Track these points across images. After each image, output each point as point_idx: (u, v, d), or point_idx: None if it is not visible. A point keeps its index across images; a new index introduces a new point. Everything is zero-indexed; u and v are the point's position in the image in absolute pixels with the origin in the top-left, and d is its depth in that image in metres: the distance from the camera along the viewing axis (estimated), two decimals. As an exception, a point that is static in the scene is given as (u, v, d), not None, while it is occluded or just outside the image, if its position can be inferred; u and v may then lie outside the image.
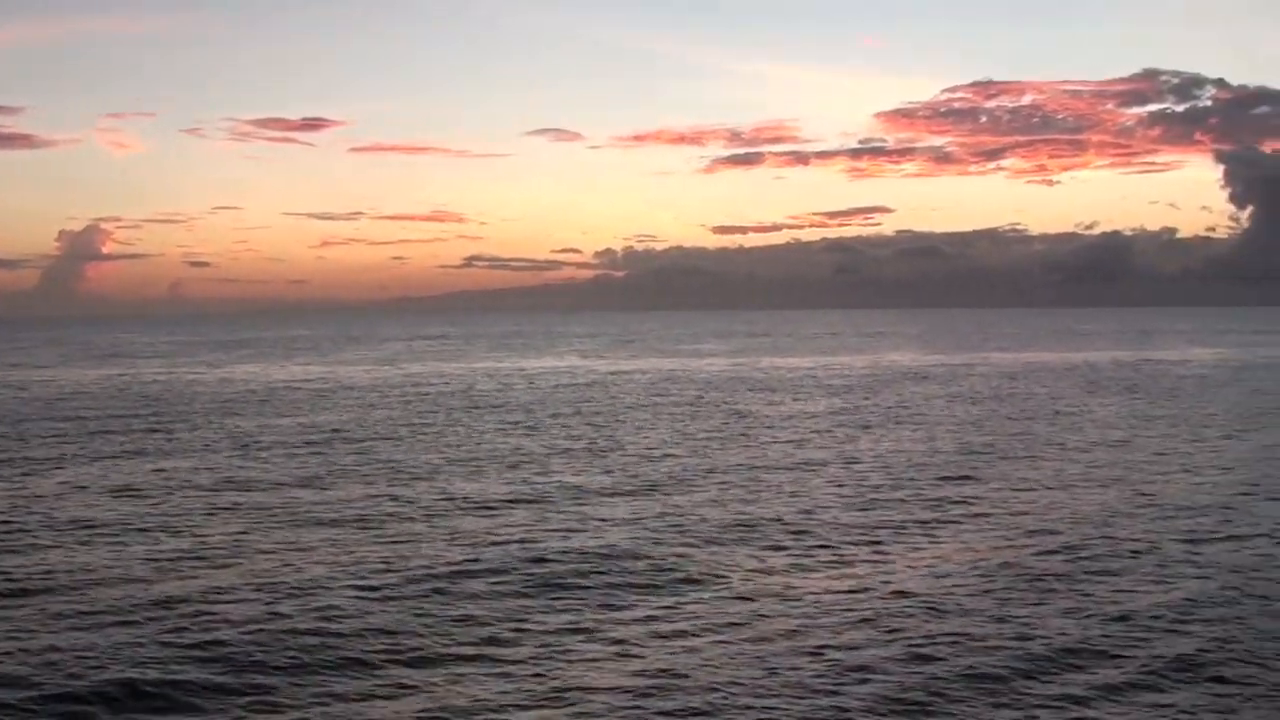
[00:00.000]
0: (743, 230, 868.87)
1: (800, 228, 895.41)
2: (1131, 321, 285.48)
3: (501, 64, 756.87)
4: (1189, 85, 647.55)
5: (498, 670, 16.23)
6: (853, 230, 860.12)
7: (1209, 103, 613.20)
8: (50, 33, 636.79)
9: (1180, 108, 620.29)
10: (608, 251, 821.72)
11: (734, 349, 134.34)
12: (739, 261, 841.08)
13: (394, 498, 30.11)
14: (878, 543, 24.48)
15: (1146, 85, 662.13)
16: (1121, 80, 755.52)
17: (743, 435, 44.63)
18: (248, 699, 15.16)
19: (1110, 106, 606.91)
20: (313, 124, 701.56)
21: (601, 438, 43.60)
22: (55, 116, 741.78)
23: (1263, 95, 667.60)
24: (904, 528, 26.12)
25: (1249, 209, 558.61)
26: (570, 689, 15.44)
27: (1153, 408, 56.15)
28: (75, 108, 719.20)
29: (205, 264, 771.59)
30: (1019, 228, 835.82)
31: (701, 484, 32.52)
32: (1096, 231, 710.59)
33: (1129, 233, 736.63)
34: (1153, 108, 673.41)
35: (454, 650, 17.06)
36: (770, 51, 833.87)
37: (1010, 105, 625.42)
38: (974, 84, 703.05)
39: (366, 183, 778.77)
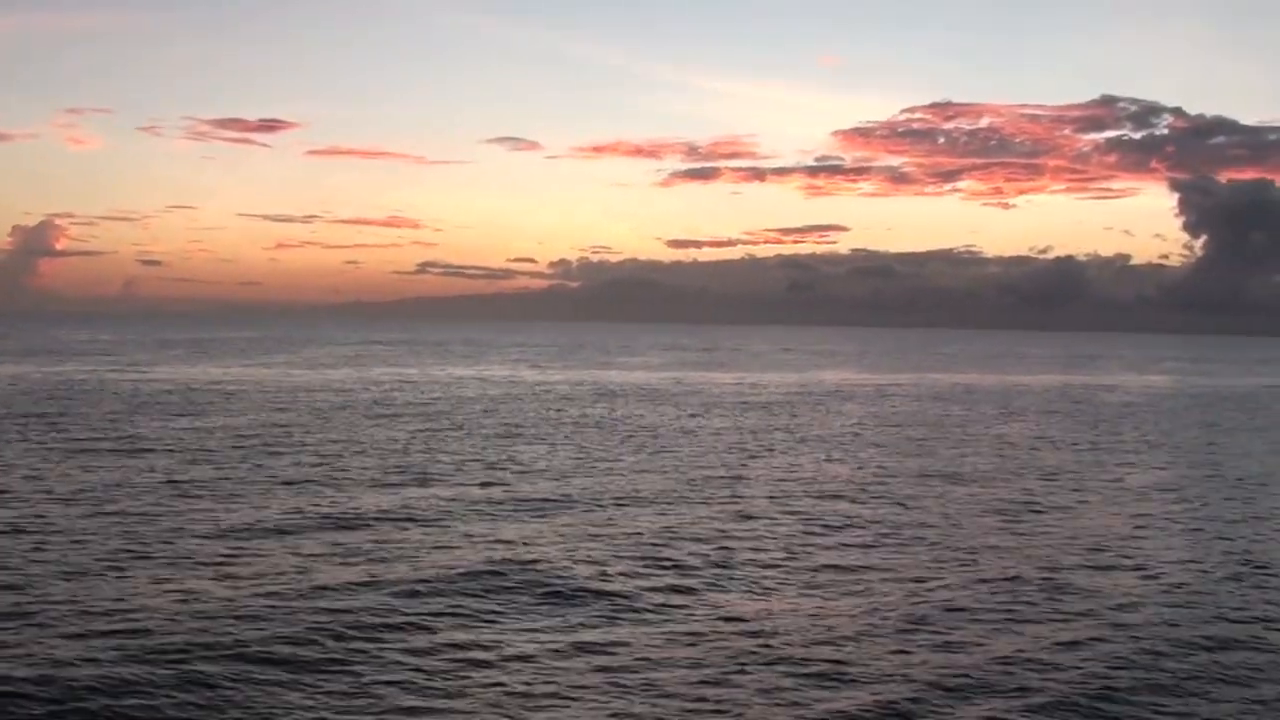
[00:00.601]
0: (698, 244, 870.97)
1: (755, 244, 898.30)
2: (1078, 346, 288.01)
3: (462, 72, 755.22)
4: (1146, 113, 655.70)
5: (364, 685, 15.68)
6: (808, 248, 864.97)
7: (1166, 131, 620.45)
8: (7, 25, 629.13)
9: (1137, 135, 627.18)
10: (563, 262, 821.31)
11: (668, 363, 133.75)
12: (693, 275, 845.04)
13: (255, 507, 29.02)
14: (738, 568, 23.77)
15: (1104, 112, 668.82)
16: (1079, 106, 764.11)
17: (637, 450, 43.90)
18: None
19: (1067, 131, 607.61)
20: (270, 125, 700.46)
21: (493, 450, 42.73)
22: (11, 110, 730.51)
23: (1219, 125, 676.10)
24: (765, 547, 25.42)
25: (1202, 238, 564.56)
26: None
27: (1065, 433, 55.96)
28: (32, 102, 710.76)
29: (158, 263, 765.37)
30: (974, 249, 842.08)
31: (578, 499, 31.72)
32: (1050, 255, 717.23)
33: (1083, 258, 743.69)
34: (1110, 134, 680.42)
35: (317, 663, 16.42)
36: (730, 67, 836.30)
37: (968, 127, 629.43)
38: (932, 105, 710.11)
39: (323, 186, 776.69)
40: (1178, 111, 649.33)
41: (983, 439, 52.13)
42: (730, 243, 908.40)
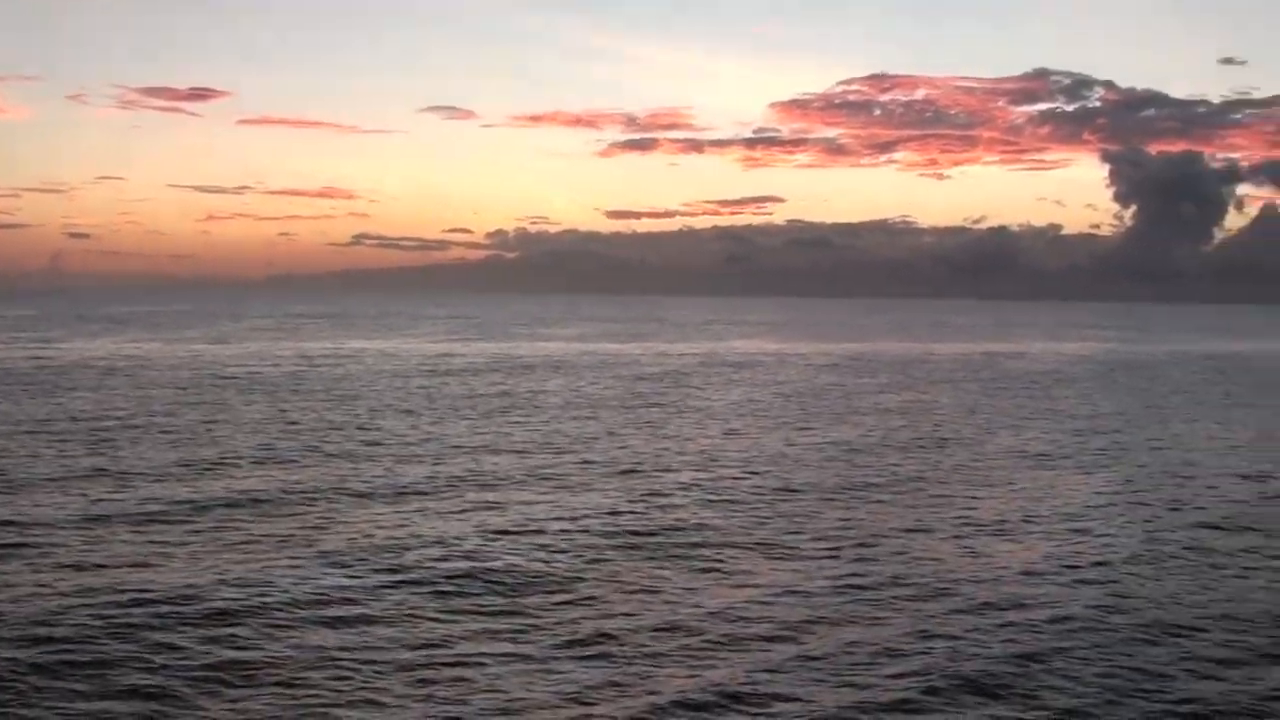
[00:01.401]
0: (636, 215, 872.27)
1: (693, 215, 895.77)
2: (1007, 315, 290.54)
3: (395, 39, 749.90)
4: (1079, 86, 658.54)
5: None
6: (745, 219, 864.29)
7: (1098, 104, 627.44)
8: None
9: (1070, 108, 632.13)
10: (499, 232, 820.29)
11: (589, 335, 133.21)
12: (632, 246, 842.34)
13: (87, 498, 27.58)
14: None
15: (1038, 84, 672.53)
16: (1014, 79, 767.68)
17: (501, 420, 43.48)
18: None
19: (1002, 104, 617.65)
20: (201, 94, 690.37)
21: (367, 423, 42.17)
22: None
23: (1150, 98, 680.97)
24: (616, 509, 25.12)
25: (1133, 208, 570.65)
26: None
27: (954, 400, 56.14)
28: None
29: (86, 236, 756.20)
30: (909, 220, 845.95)
31: (441, 481, 31.28)
32: (984, 226, 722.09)
33: (1016, 228, 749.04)
34: (1043, 106, 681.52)
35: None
36: (668, 38, 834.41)
37: (903, 99, 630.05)
38: (869, 77, 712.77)
39: (254, 156, 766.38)
40: (1110, 85, 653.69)
41: (863, 408, 52.21)
42: (668, 214, 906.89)
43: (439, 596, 19.30)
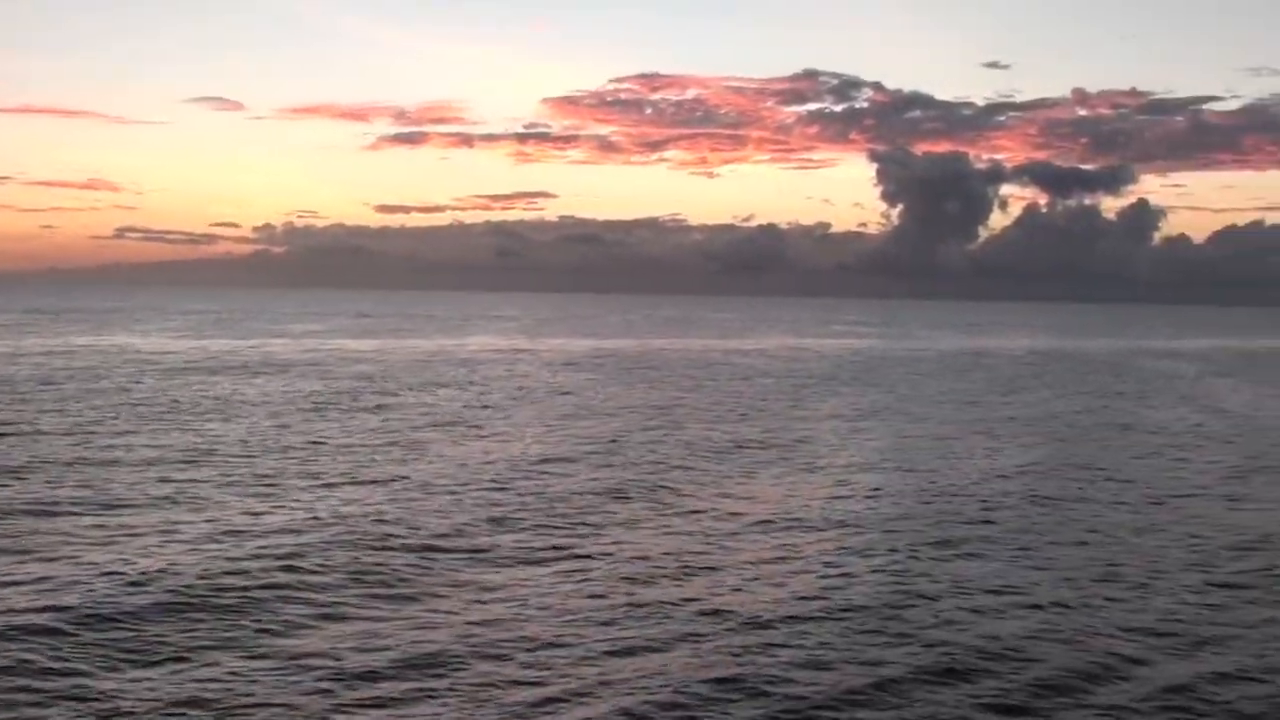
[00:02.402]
0: (406, 210, 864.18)
1: (464, 210, 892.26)
2: (767, 311, 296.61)
3: (161, 27, 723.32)
4: (847, 87, 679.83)
5: None
6: (516, 214, 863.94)
7: (865, 104, 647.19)
8: None
9: (838, 108, 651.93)
10: (267, 227, 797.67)
11: (330, 330, 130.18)
12: (401, 241, 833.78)
13: None
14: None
15: (806, 85, 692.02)
16: (783, 79, 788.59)
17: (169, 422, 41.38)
18: None
19: (771, 104, 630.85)
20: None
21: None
22: None
23: (916, 99, 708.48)
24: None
25: (899, 207, 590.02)
26: None
27: (645, 395, 56.22)
28: None
29: None
30: (679, 217, 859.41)
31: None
32: (754, 224, 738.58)
33: (785, 226, 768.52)
34: (812, 107, 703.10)
35: None
36: (440, 31, 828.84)
37: (674, 98, 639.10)
38: (640, 75, 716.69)
39: (14, 146, 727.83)
40: (877, 86, 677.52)
41: (576, 407, 51.80)
42: (439, 209, 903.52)
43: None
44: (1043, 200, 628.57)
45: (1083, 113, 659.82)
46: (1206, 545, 25.06)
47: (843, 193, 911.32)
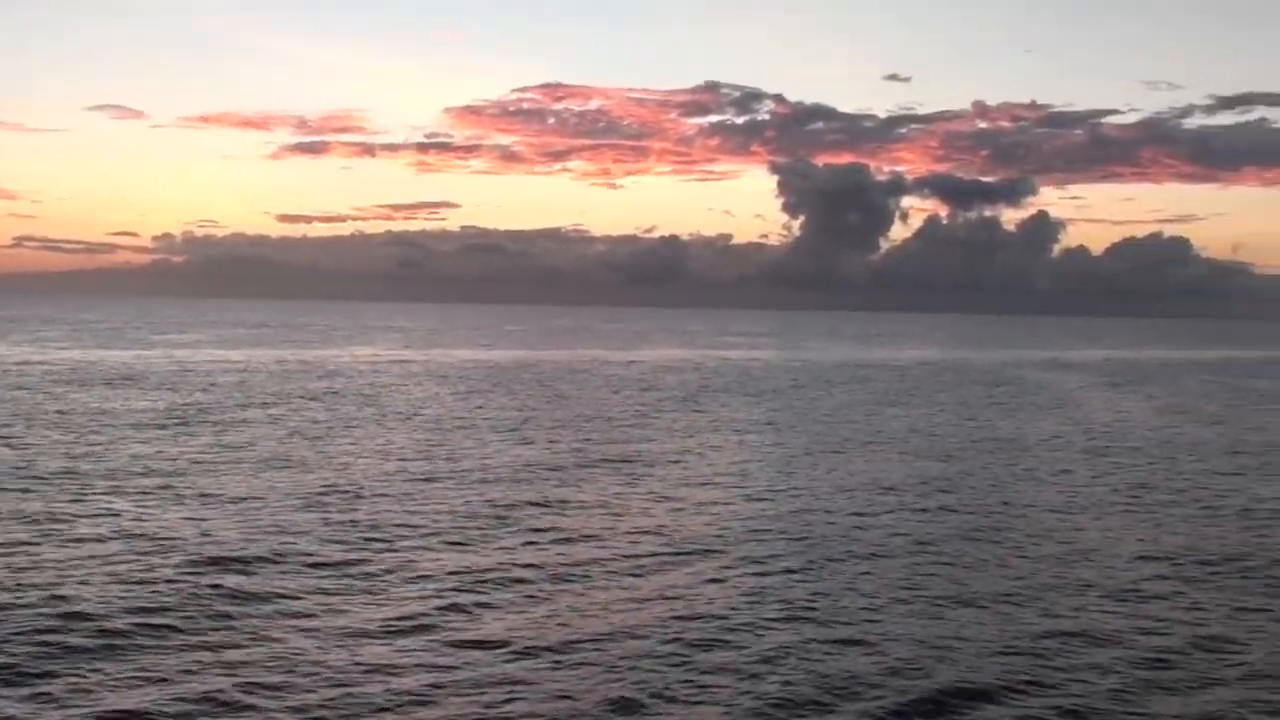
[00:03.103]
0: (308, 220, 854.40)
1: (366, 219, 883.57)
2: (662, 322, 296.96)
3: (63, 35, 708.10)
4: (749, 99, 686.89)
5: None
6: (418, 224, 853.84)
7: (767, 116, 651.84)
8: None
9: (740, 120, 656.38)
10: (166, 236, 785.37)
11: (219, 339, 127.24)
12: (304, 251, 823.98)
13: None
14: None
15: (709, 97, 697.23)
16: (685, 91, 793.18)
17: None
18: None
19: (673, 115, 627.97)
20: None
21: None
22: None
23: (818, 111, 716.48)
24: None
25: (800, 218, 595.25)
26: None
27: (477, 409, 54.92)
28: None
29: None
30: (581, 228, 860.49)
31: None
32: (656, 235, 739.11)
33: (687, 237, 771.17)
34: (714, 118, 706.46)
35: None
36: (342, 40, 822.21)
37: (577, 109, 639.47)
38: (543, 85, 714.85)
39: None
40: (779, 98, 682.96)
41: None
42: (341, 218, 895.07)
43: None
44: (943, 212, 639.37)
45: (983, 125, 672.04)
46: (1047, 553, 25.36)
47: (744, 204, 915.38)
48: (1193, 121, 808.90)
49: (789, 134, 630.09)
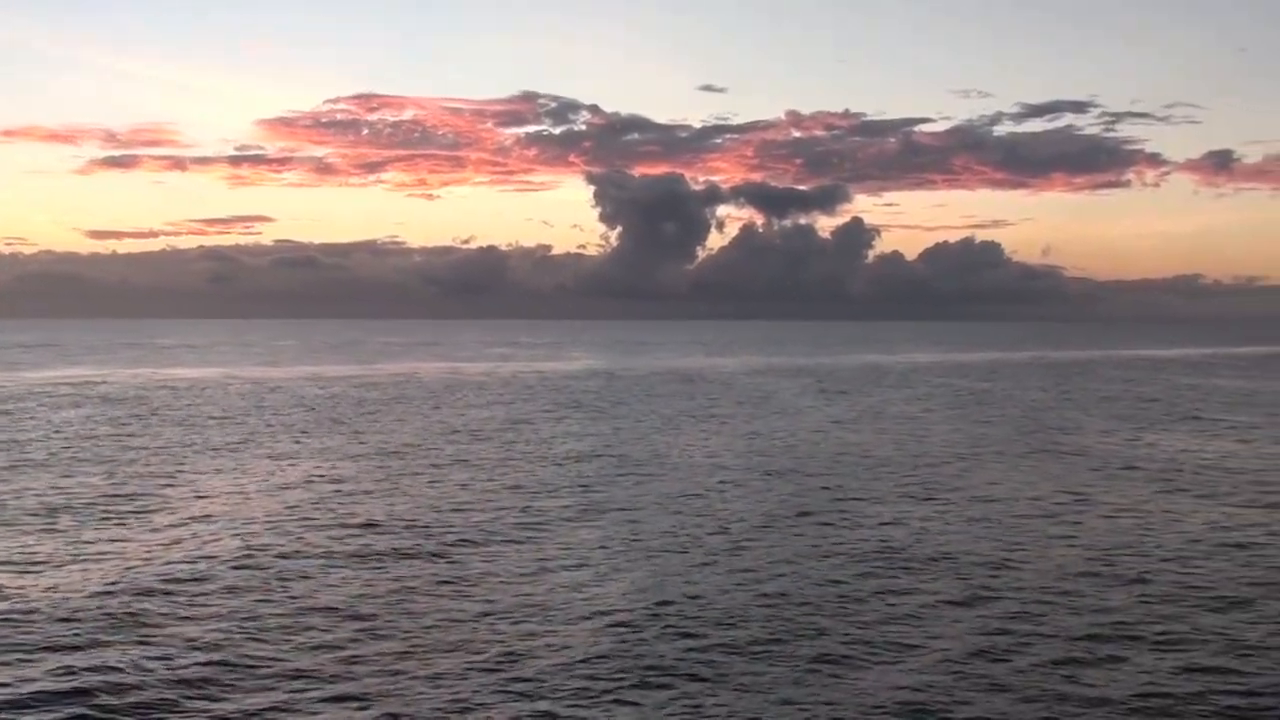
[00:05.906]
0: (118, 236, 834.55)
1: (178, 234, 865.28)
2: (457, 334, 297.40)
3: None
4: (565, 109, 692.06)
5: None
6: (231, 239, 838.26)
7: (584, 127, 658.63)
8: None
9: (557, 130, 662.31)
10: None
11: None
12: (113, 268, 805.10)
13: None
14: None
15: (525, 107, 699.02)
16: (501, 101, 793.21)
17: None
18: None
19: (490, 125, 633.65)
20: None
21: None
22: None
23: (633, 122, 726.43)
24: None
25: (618, 228, 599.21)
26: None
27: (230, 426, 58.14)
28: None
29: None
30: (398, 240, 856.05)
31: None
32: (474, 246, 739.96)
33: (505, 247, 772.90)
34: (530, 129, 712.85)
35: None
36: (149, 51, 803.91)
37: (392, 119, 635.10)
38: (356, 96, 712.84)
39: None
40: (595, 109, 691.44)
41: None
42: (152, 234, 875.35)
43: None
44: (759, 220, 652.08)
45: (797, 134, 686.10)
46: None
47: (562, 214, 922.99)
48: (1002, 129, 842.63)
49: (605, 144, 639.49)
